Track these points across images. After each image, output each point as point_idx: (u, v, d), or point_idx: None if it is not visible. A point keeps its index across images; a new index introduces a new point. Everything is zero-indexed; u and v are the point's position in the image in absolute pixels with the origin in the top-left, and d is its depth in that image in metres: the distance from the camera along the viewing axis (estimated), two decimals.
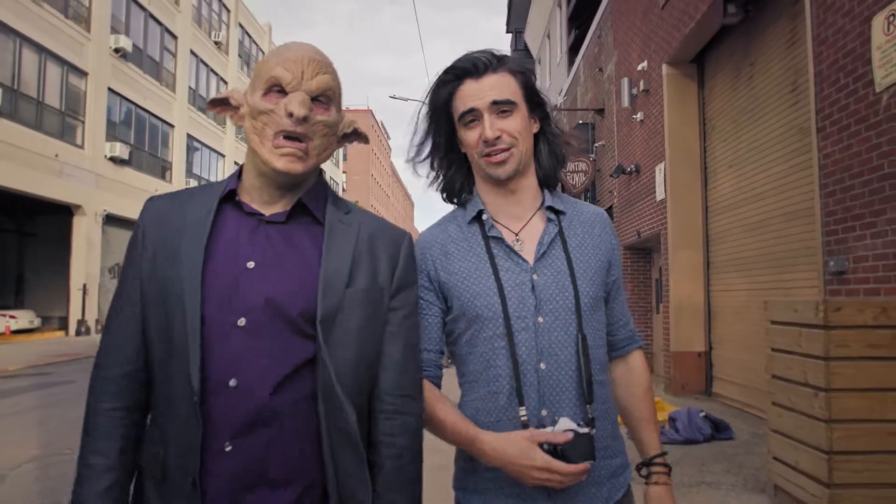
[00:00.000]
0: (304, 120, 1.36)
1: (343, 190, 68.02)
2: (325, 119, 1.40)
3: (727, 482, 4.89)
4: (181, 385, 1.29)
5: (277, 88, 1.37)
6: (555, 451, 1.43)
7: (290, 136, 1.36)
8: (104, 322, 1.45)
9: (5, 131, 17.97)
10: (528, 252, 1.60)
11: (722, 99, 8.59)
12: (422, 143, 1.74)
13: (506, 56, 1.62)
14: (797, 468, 4.03)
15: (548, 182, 1.69)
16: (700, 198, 9.19)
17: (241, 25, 36.26)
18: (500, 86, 1.57)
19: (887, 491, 3.67)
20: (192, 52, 29.89)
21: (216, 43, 32.57)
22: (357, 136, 1.54)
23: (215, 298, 1.33)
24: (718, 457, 5.59)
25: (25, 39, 19.07)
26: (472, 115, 1.58)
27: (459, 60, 1.61)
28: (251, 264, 1.37)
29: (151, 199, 1.47)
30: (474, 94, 1.58)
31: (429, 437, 1.53)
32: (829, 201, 5.10)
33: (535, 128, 1.66)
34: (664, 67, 9.42)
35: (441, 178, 1.75)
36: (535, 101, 1.64)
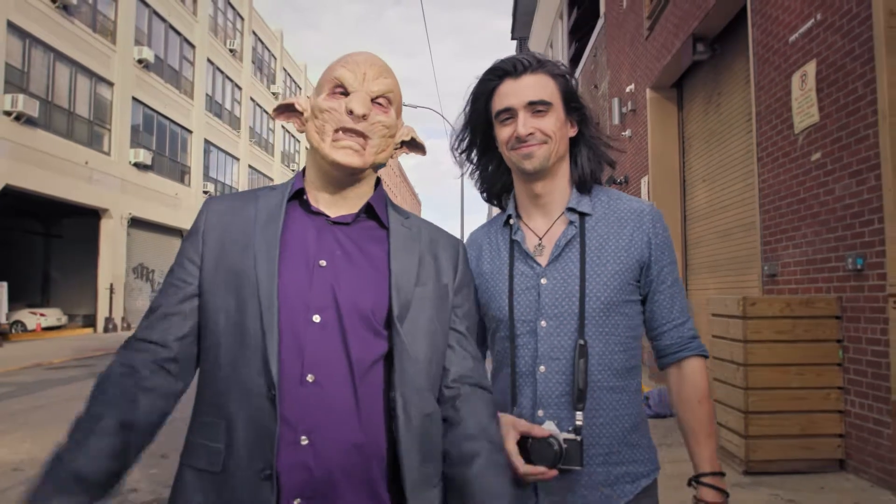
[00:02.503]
0: (364, 118, 1.40)
1: None
2: (384, 119, 1.44)
3: (683, 443, 6.09)
4: (255, 377, 1.29)
5: (340, 89, 1.42)
6: (525, 446, 1.49)
7: (348, 132, 1.40)
8: (148, 310, 1.44)
9: (41, 141, 19.28)
10: (546, 256, 1.63)
11: (697, 121, 9.77)
12: (462, 139, 1.78)
13: (548, 60, 1.65)
14: (726, 426, 5.24)
15: (584, 184, 1.68)
16: (679, 207, 10.37)
17: (254, 33, 37.52)
18: (536, 86, 1.60)
19: (787, 440, 4.89)
20: (209, 61, 31.18)
21: (231, 51, 33.87)
22: (415, 146, 1.57)
23: (290, 293, 1.35)
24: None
25: (59, 54, 20.38)
26: (508, 114, 1.61)
27: (501, 61, 1.65)
28: (323, 262, 1.39)
29: (213, 199, 1.50)
30: (511, 92, 1.61)
31: None
32: (765, 217, 6.30)
33: (573, 132, 1.68)
34: (648, 91, 10.59)
35: (478, 176, 1.82)
36: (572, 105, 1.65)
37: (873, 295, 4.60)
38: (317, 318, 1.35)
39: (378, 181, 1.56)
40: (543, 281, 1.60)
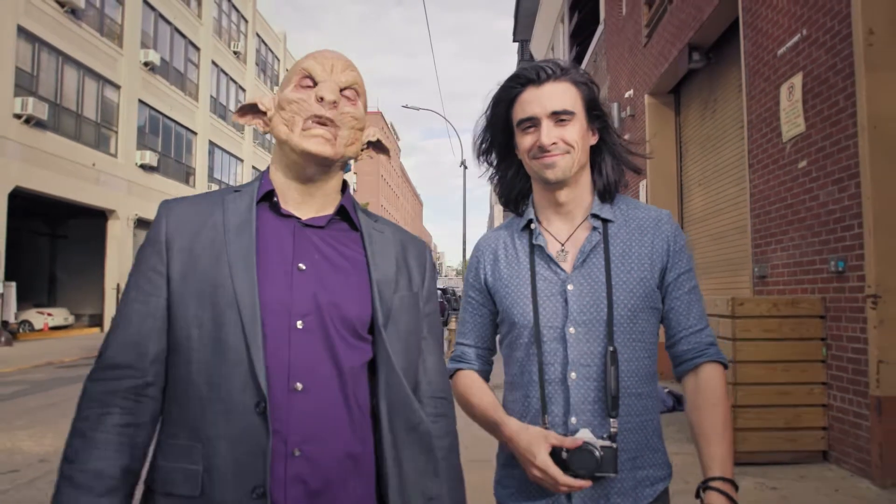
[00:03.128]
0: (334, 105, 1.38)
1: (354, 190, 69.45)
2: (353, 111, 1.42)
3: (675, 437, 6.35)
4: (239, 392, 1.24)
5: (308, 81, 1.40)
6: (560, 456, 1.47)
7: (320, 121, 1.37)
8: (109, 329, 1.35)
9: (50, 143, 19.59)
10: (570, 262, 1.62)
11: (693, 127, 10.06)
12: (482, 143, 1.77)
13: (569, 67, 1.63)
14: None
15: (608, 192, 1.67)
16: (676, 211, 10.65)
17: (258, 35, 37.85)
18: (559, 95, 1.58)
19: (773, 433, 5.18)
20: (214, 63, 31.50)
21: (235, 53, 34.19)
22: (380, 147, 1.55)
23: (271, 301, 1.31)
24: (674, 421, 7.07)
25: (67, 57, 20.68)
26: (531, 123, 1.59)
27: (524, 69, 1.63)
28: (303, 266, 1.36)
29: (171, 202, 1.42)
30: (534, 101, 1.59)
31: (467, 432, 1.62)
32: (755, 221, 6.59)
33: (594, 139, 1.67)
34: (646, 97, 10.89)
35: (497, 180, 1.80)
36: (594, 113, 1.64)
37: (853, 296, 4.89)
38: (300, 324, 1.31)
39: (345, 183, 1.53)
40: (570, 287, 1.58)
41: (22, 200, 19.35)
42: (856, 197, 4.84)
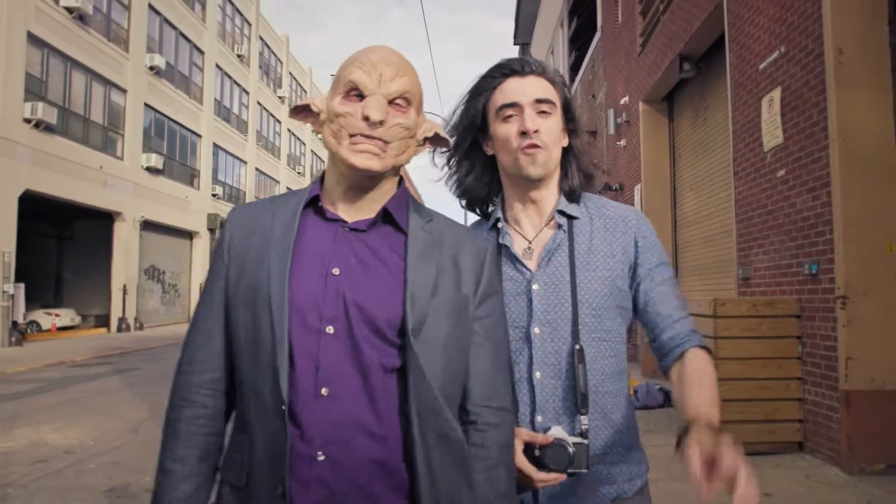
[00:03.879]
0: (380, 124, 1.35)
1: None
2: (403, 121, 1.39)
3: (663, 430, 6.72)
4: (269, 393, 1.29)
5: (355, 92, 1.37)
6: (533, 454, 1.48)
7: (366, 136, 1.36)
8: (189, 327, 1.47)
9: (58, 147, 19.96)
10: (535, 260, 1.61)
11: (685, 133, 10.42)
12: (452, 137, 1.73)
13: (551, 69, 1.66)
14: None
15: (572, 195, 1.67)
16: (670, 214, 11.01)
17: (261, 38, 38.23)
18: (543, 86, 1.61)
19: (753, 426, 5.54)
20: (218, 66, 31.88)
21: (238, 56, 34.56)
22: (439, 140, 1.51)
23: (302, 305, 1.33)
24: (663, 416, 7.44)
25: (75, 62, 21.05)
26: (513, 110, 1.59)
27: (508, 60, 1.64)
28: (336, 271, 1.36)
29: (235, 210, 1.50)
30: (518, 89, 1.59)
31: None
32: (740, 226, 6.96)
33: (565, 141, 1.68)
34: (641, 104, 11.25)
35: (456, 180, 1.77)
36: (568, 115, 1.66)
37: (825, 297, 5.25)
38: (330, 330, 1.32)
39: (401, 180, 1.52)
40: (535, 286, 1.57)
41: (29, 203, 19.68)
42: (827, 205, 5.20)
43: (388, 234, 1.43)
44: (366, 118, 1.34)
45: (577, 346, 1.53)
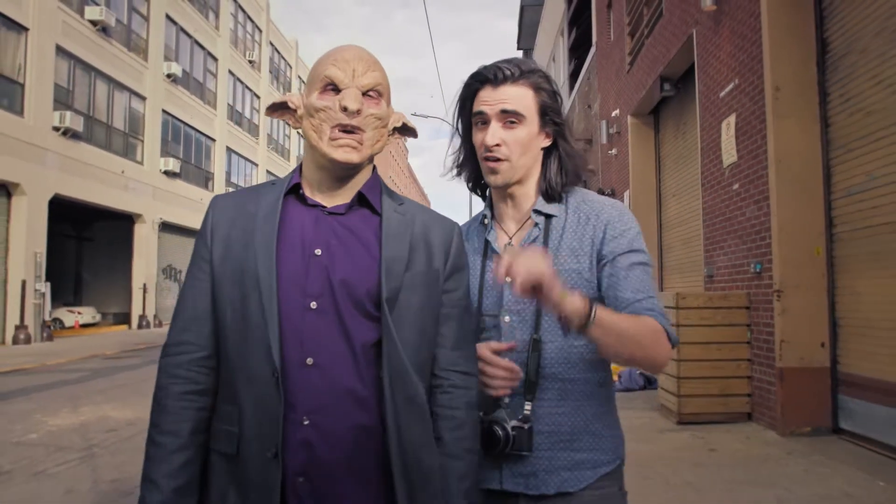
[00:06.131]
0: (357, 113, 1.45)
1: None
2: (376, 112, 1.49)
3: (640, 407, 7.78)
4: (260, 363, 1.39)
5: (332, 87, 1.47)
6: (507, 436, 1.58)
7: (345, 129, 1.46)
8: (174, 312, 1.54)
9: (84, 153, 21.13)
10: None
11: (669, 144, 11.48)
12: (454, 136, 1.83)
13: (533, 70, 1.67)
14: (667, 390, 6.98)
15: (550, 194, 1.71)
16: (656, 217, 12.07)
17: (271, 43, 39.35)
18: (513, 98, 1.64)
19: (709, 399, 6.62)
20: (230, 72, 33.02)
21: (250, 62, 35.70)
22: (406, 130, 1.62)
23: (288, 282, 1.43)
24: (643, 396, 8.50)
25: (98, 72, 22.20)
26: (482, 118, 1.67)
27: (485, 68, 1.68)
28: (318, 251, 1.47)
29: (218, 197, 1.58)
30: (488, 99, 1.65)
31: None
32: (706, 231, 8.04)
33: (546, 142, 1.71)
34: (629, 117, 12.31)
35: (456, 169, 1.86)
36: (549, 118, 1.68)
37: (766, 291, 6.33)
38: (314, 305, 1.43)
39: (374, 168, 1.61)
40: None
41: (53, 205, 20.80)
42: (768, 215, 6.28)
43: (364, 216, 1.55)
44: (344, 108, 1.45)
45: (535, 336, 1.61)
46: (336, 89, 1.48)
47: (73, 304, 25.98)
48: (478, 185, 1.85)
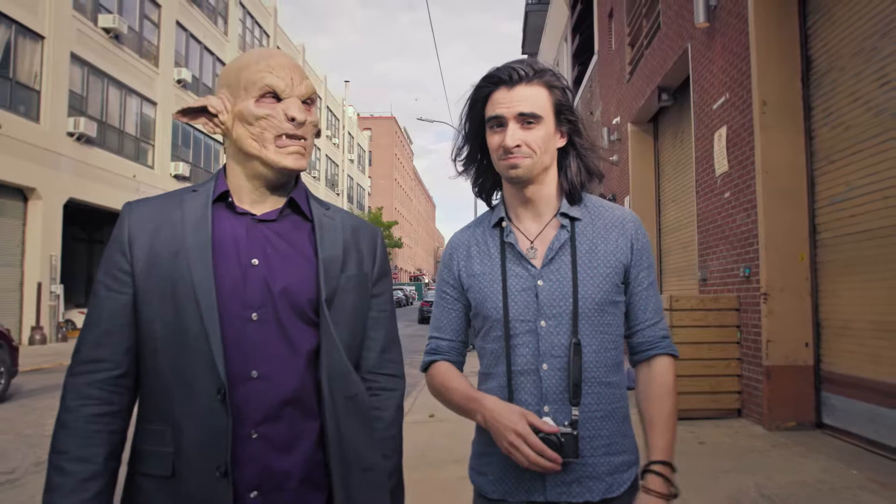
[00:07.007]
0: (303, 123, 1.46)
1: (368, 194, 71.36)
2: (313, 119, 1.50)
3: (636, 404, 8.17)
4: (201, 378, 1.34)
5: (272, 95, 1.45)
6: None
7: (291, 136, 1.45)
8: (83, 326, 1.42)
9: (97, 158, 21.61)
10: (539, 258, 1.66)
11: (667, 151, 11.86)
12: (459, 138, 1.81)
13: (545, 70, 1.66)
14: None
15: (572, 195, 1.71)
16: (655, 222, 12.45)
17: (278, 48, 39.68)
18: (529, 99, 1.62)
19: (701, 395, 7.00)
20: None
21: None
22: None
23: (227, 294, 1.39)
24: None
25: (111, 79, 22.68)
26: (498, 122, 1.63)
27: (498, 70, 1.66)
28: (255, 261, 1.43)
29: (133, 203, 1.49)
30: (503, 102, 1.63)
31: (452, 445, 2.07)
32: (700, 236, 8.42)
33: (562, 142, 1.70)
34: (629, 125, 12.70)
35: (473, 172, 1.83)
36: (563, 117, 1.67)
37: (754, 294, 6.71)
38: (255, 316, 1.40)
39: (298, 176, 1.59)
40: (540, 283, 1.63)
41: (65, 209, 21.19)
42: (755, 222, 6.67)
43: (296, 223, 1.53)
44: (292, 119, 1.45)
45: (575, 340, 1.59)
46: (276, 97, 1.47)
47: (84, 306, 26.39)
48: (483, 189, 1.84)
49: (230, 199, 1.49)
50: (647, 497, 1.55)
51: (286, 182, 1.53)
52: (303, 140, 1.48)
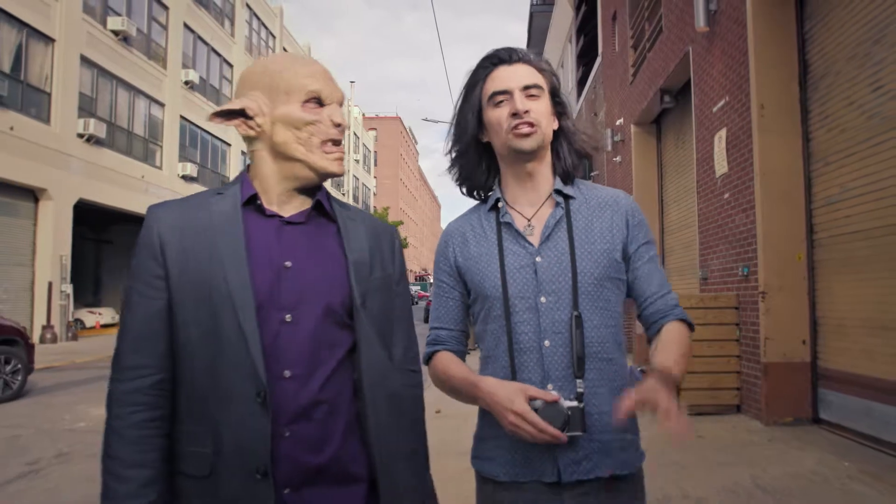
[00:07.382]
0: (345, 129, 1.51)
1: (374, 194, 71.56)
2: (345, 124, 1.55)
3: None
4: (240, 381, 1.35)
5: (316, 100, 1.48)
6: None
7: (335, 142, 1.50)
8: (119, 333, 1.43)
9: (106, 158, 21.84)
10: (537, 236, 1.68)
11: (670, 153, 12.02)
12: (451, 131, 1.83)
13: (538, 56, 1.75)
14: None
15: (567, 175, 1.75)
16: (658, 222, 12.61)
17: (284, 49, 40.00)
18: (530, 73, 1.68)
19: (701, 392, 7.17)
20: None
21: None
22: None
23: (262, 297, 1.40)
24: None
25: (120, 81, 22.92)
26: (503, 96, 1.67)
27: (497, 50, 1.73)
28: (288, 263, 1.45)
29: (157, 206, 1.49)
30: (507, 76, 1.68)
31: (460, 439, 1.74)
32: (700, 237, 8.59)
33: (555, 125, 1.74)
34: (633, 126, 12.86)
35: (458, 168, 1.83)
36: (556, 99, 1.74)
37: (753, 293, 6.88)
38: (288, 318, 1.42)
39: None
40: (539, 259, 1.64)
41: (75, 209, 21.39)
42: (754, 223, 6.83)
43: (321, 225, 1.55)
44: (337, 125, 1.50)
45: (576, 313, 1.60)
46: (320, 103, 1.49)
47: (93, 305, 26.66)
48: (474, 183, 1.83)
49: (259, 202, 1.50)
50: (647, 379, 1.46)
51: (320, 185, 1.56)
52: (342, 145, 1.53)
